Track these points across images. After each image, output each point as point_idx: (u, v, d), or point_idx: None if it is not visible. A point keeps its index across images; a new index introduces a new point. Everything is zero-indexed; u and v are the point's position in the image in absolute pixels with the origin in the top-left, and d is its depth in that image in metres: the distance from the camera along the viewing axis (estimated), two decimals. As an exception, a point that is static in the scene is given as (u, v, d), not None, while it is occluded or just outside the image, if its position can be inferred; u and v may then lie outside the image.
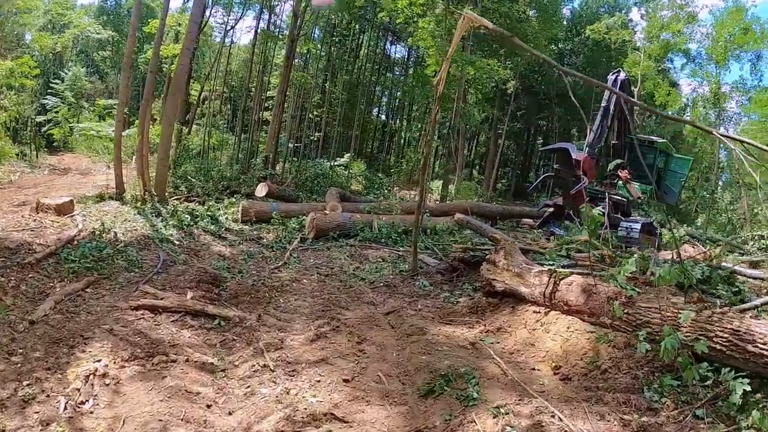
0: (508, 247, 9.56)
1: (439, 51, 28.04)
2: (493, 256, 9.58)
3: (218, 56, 40.00)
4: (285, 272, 11.39)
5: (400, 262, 13.15)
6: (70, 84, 44.90)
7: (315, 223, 15.11)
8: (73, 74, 45.87)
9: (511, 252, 9.43)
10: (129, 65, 19.96)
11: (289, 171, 29.64)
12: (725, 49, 34.83)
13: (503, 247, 9.54)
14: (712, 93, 35.96)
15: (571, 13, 53.08)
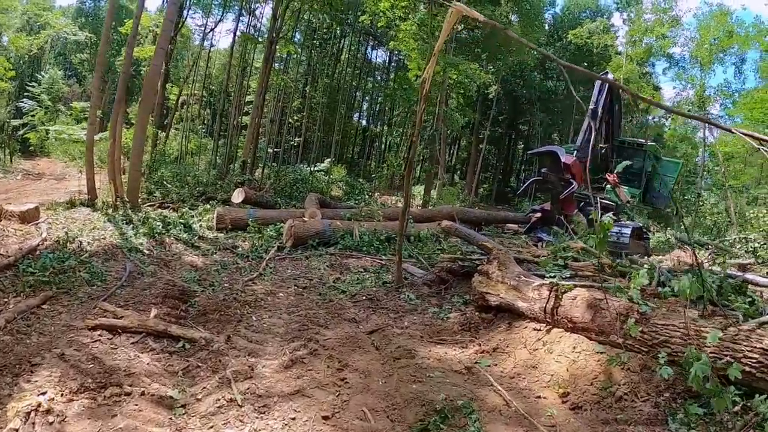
0: (502, 257, 8.72)
1: (422, 54, 27.43)
2: (486, 267, 8.74)
3: (197, 59, 39.05)
4: (260, 284, 10.47)
5: (383, 273, 12.31)
6: (47, 87, 43.94)
7: (293, 230, 14.18)
8: (50, 77, 44.93)
9: (506, 262, 8.60)
10: (102, 66, 19.12)
11: (268, 176, 28.84)
12: (710, 53, 34.48)
13: (496, 258, 8.70)
14: (697, 96, 35.63)
15: (553, 19, 53.05)
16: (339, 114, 42.24)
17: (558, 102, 51.87)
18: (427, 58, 18.21)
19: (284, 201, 22.12)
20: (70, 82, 52.93)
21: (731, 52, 36.90)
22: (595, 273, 9.57)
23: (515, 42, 34.87)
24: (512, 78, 46.27)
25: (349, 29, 45.24)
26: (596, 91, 19.84)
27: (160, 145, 32.28)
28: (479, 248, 10.78)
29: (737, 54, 37.73)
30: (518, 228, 24.37)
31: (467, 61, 30.95)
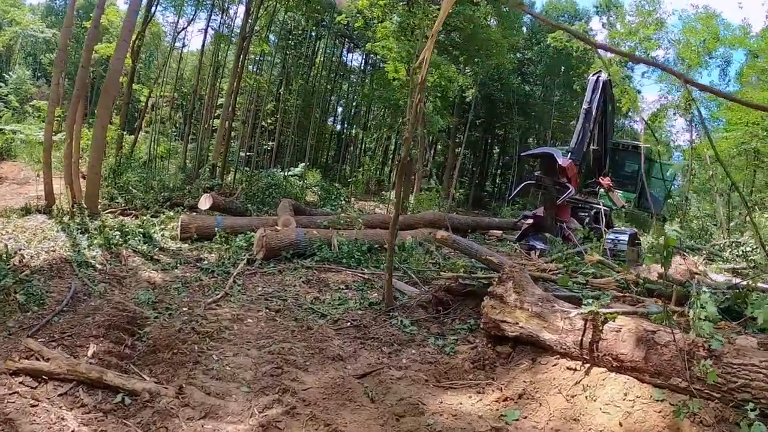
0: (518, 276, 7.13)
1: (400, 54, 26.19)
2: (499, 289, 7.13)
3: (168, 59, 37.21)
4: (225, 307, 8.76)
5: (367, 290, 10.69)
6: (15, 87, 41.86)
7: (264, 240, 12.42)
8: (18, 77, 42.78)
9: (523, 283, 7.01)
10: (62, 60, 17.61)
11: (240, 181, 27.28)
12: (698, 54, 34.13)
13: (511, 277, 7.08)
14: (683, 99, 34.72)
15: (531, 22, 51.58)
16: (313, 117, 40.73)
17: (536, 106, 51.43)
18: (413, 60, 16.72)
19: (256, 207, 20.50)
20: (39, 83, 50.78)
21: (716, 54, 36.47)
22: (616, 288, 8.29)
23: (493, 46, 33.98)
24: (490, 81, 45.10)
25: (325, 31, 43.80)
26: (590, 90, 18.50)
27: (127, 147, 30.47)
28: (484, 264, 9.22)
29: (723, 57, 37.71)
30: (501, 234, 23.16)
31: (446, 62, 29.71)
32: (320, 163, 47.87)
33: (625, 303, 7.59)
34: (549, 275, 8.80)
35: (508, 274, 7.16)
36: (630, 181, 21.67)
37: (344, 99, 54.24)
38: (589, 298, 6.60)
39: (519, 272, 7.21)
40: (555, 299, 6.70)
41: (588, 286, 8.36)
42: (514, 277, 7.09)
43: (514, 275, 7.12)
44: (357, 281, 11.24)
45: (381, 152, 55.12)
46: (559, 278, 8.29)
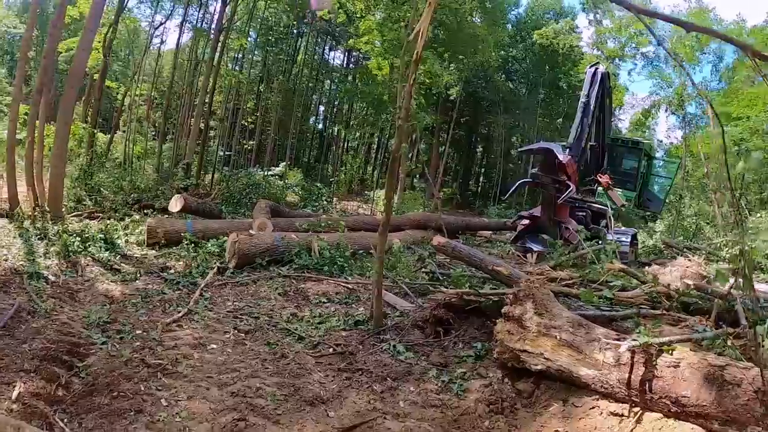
0: (539, 293, 5.79)
1: (386, 45, 25.00)
2: (516, 310, 5.81)
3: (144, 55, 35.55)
4: (187, 328, 7.36)
5: (352, 303, 9.37)
6: (-11, 86, 40.04)
7: (237, 246, 10.99)
8: (-8, 75, 41.03)
9: (546, 302, 5.70)
10: (26, 54, 16.53)
11: (219, 181, 25.81)
12: (692, 49, 34.12)
13: (530, 295, 5.75)
14: (677, 95, 34.12)
15: (516, 19, 51.29)
16: (295, 116, 39.33)
17: (521, 104, 50.51)
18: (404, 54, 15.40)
19: (233, 209, 19.11)
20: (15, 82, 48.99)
21: (708, 50, 36.09)
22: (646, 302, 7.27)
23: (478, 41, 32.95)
24: (474, 79, 44.01)
25: (307, 28, 42.36)
26: (587, 83, 17.32)
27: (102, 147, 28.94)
28: (490, 275, 7.89)
29: (715, 52, 36.89)
30: (491, 235, 22.17)
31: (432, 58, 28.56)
32: (302, 163, 46.55)
33: (664, 323, 6.36)
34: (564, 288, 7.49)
35: (526, 291, 5.83)
36: (629, 178, 20.46)
37: (326, 97, 52.85)
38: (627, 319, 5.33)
39: (540, 288, 5.88)
40: (589, 323, 5.39)
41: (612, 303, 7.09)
42: (534, 294, 5.77)
43: (534, 292, 5.79)
44: (340, 292, 9.90)
45: (364, 151, 53.84)
46: (581, 293, 6.97)
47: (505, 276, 7.88)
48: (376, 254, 7.72)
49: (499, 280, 8.27)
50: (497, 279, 8.36)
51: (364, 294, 9.78)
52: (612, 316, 6.63)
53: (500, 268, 8.05)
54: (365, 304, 9.00)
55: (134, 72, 33.69)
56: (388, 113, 31.57)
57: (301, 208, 22.24)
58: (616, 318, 6.63)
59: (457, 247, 9.39)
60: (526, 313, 5.62)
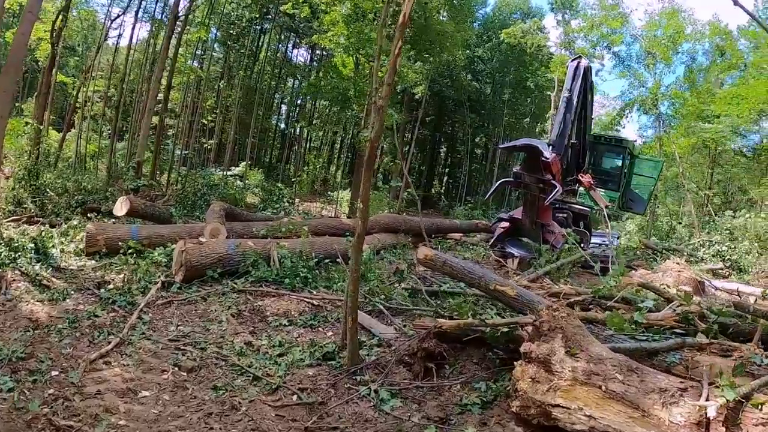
0: (570, 326, 4.43)
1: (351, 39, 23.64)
2: (540, 349, 4.53)
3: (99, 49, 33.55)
4: (116, 365, 5.96)
5: (318, 325, 8.03)
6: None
7: (185, 257, 9.48)
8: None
9: (578, 338, 4.37)
10: None
11: (175, 182, 24.16)
12: (667, 49, 33.80)
13: (558, 327, 4.37)
14: (651, 94, 33.62)
15: (483, 18, 50.60)
16: (256, 114, 37.64)
17: (486, 103, 49.85)
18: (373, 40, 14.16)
19: (187, 212, 17.53)
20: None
21: (682, 50, 35.65)
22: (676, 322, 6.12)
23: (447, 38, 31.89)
24: (440, 78, 43.02)
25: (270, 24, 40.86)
26: (570, 76, 16.23)
27: (54, 145, 27.03)
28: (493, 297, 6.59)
29: (688, 53, 36.41)
30: (461, 237, 21.09)
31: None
32: (263, 163, 45.13)
33: (710, 354, 5.09)
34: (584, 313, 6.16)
35: (552, 323, 4.44)
36: (611, 178, 19.37)
37: (289, 96, 51.22)
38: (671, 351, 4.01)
39: (568, 318, 4.49)
40: (641, 367, 4.06)
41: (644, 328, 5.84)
42: (563, 328, 4.38)
43: (562, 325, 4.40)
44: (304, 311, 8.53)
45: (327, 150, 52.36)
46: (608, 318, 5.65)
47: (511, 297, 6.57)
48: (349, 269, 6.24)
49: (503, 303, 6.96)
50: (499, 301, 7.03)
51: (332, 313, 8.42)
52: (654, 348, 5.26)
53: (505, 288, 6.74)
54: (335, 328, 7.63)
55: (88, 66, 31.69)
56: (352, 110, 30.44)
57: (261, 211, 20.79)
58: (660, 351, 5.27)
59: (448, 261, 7.97)
60: (555, 353, 4.31)
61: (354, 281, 5.94)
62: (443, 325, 5.98)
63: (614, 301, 7.39)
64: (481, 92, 48.90)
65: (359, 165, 32.18)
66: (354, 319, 5.80)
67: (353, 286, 5.93)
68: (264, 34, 43.97)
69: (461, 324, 5.95)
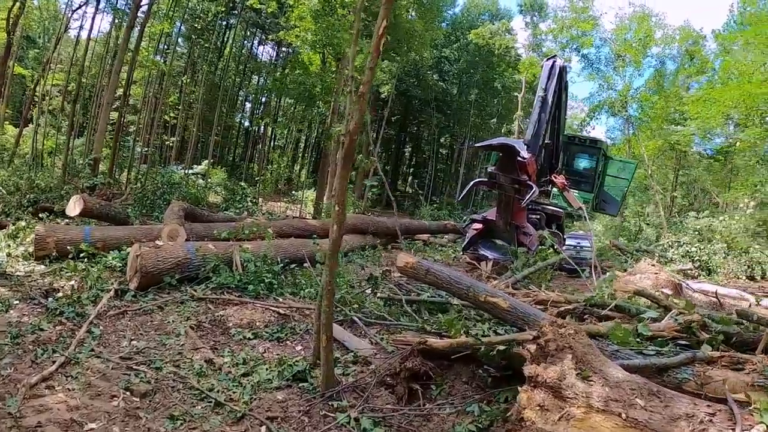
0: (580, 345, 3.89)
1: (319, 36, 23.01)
2: (547, 372, 4.00)
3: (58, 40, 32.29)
4: (60, 390, 5.23)
5: (286, 338, 7.34)
6: None
7: (140, 262, 8.72)
8: None
9: (591, 359, 3.89)
10: None
11: (135, 180, 23.24)
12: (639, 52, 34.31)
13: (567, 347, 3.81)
14: (621, 96, 33.89)
15: (452, 19, 50.38)
16: (219, 111, 36.67)
17: (452, 103, 49.64)
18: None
19: (146, 212, 16.70)
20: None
21: (651, 54, 36.16)
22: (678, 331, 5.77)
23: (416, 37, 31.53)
24: (407, 77, 42.62)
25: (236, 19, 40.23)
26: (545, 76, 15.84)
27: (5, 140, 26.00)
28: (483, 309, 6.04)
29: (658, 56, 36.91)
30: (429, 238, 20.79)
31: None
32: (226, 161, 44.54)
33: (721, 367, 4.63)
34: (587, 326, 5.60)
35: (559, 341, 3.87)
36: (585, 179, 19.03)
37: (253, 93, 50.24)
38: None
39: (576, 336, 3.91)
40: (662, 389, 3.57)
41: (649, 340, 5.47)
42: (572, 347, 3.81)
43: (571, 344, 3.83)
44: (270, 322, 7.84)
45: (291, 149, 51.53)
46: (612, 330, 5.13)
47: (504, 310, 6.00)
48: (322, 280, 5.54)
49: (494, 315, 6.40)
50: (489, 313, 6.45)
51: (300, 323, 7.78)
52: (664, 364, 4.76)
53: (496, 299, 6.15)
54: (304, 341, 6.99)
55: (48, 59, 30.44)
56: (318, 108, 30.07)
57: (224, 211, 19.98)
58: (671, 366, 4.77)
59: (432, 269, 7.35)
60: (565, 376, 3.73)
61: (329, 295, 5.26)
62: (433, 345, 5.36)
63: (608, 310, 6.91)
64: (448, 92, 48.73)
65: (324, 164, 31.60)
66: (329, 337, 5.14)
67: (328, 300, 5.25)
68: (229, 30, 43.26)
69: (453, 344, 5.33)
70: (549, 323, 4.34)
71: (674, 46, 35.35)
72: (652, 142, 34.15)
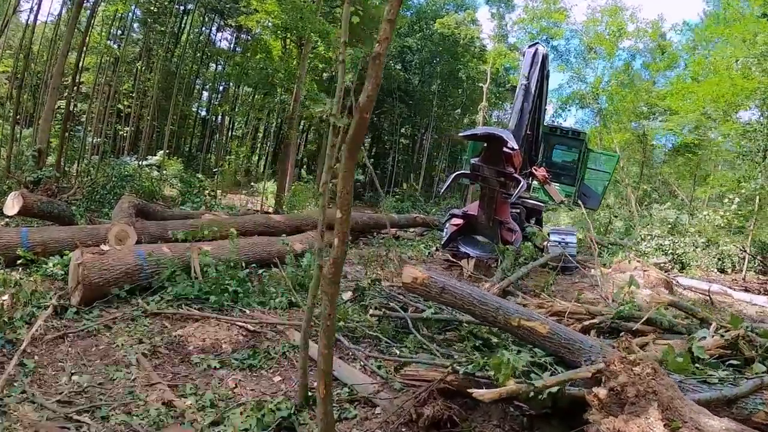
0: (661, 388, 2.86)
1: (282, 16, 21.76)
2: (626, 426, 2.82)
3: (7, 24, 30.36)
4: None
5: (261, 364, 6.12)
6: None
7: (83, 272, 7.36)
8: None
9: (679, 407, 2.97)
10: None
11: (86, 173, 21.67)
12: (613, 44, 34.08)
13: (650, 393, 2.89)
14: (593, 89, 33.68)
15: (416, 7, 49.36)
16: (175, 100, 34.97)
17: (414, 94, 48.76)
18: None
19: (95, 208, 15.20)
20: None
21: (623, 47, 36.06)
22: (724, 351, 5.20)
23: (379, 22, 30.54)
24: (369, 66, 41.59)
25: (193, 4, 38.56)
26: (527, 64, 14.93)
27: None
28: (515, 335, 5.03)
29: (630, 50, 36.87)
30: (396, 232, 19.69)
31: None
32: (183, 152, 42.76)
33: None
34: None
35: (638, 384, 2.89)
36: (566, 172, 18.17)
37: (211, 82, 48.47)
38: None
39: (657, 377, 2.91)
40: None
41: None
42: (656, 391, 2.77)
43: (654, 387, 2.80)
44: (238, 342, 6.70)
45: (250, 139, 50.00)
46: (664, 355, 4.22)
47: (542, 336, 4.97)
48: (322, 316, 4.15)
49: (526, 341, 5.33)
50: (524, 340, 5.38)
51: (275, 343, 6.59)
52: (735, 395, 4.02)
53: (533, 323, 5.11)
54: (282, 368, 5.83)
55: (-8, 40, 28.47)
56: (280, 96, 28.92)
57: (180, 205, 18.52)
58: (741, 396, 4.04)
59: (449, 287, 6.12)
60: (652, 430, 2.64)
61: (328, 332, 3.91)
62: (474, 395, 4.11)
63: (641, 323, 6.01)
64: (410, 82, 47.61)
65: (286, 154, 30.37)
66: (327, 386, 3.87)
67: (326, 339, 3.90)
68: (187, 15, 41.39)
69: (503, 393, 4.11)
70: (618, 359, 3.31)
71: (646, 40, 35.25)
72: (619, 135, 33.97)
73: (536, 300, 8.42)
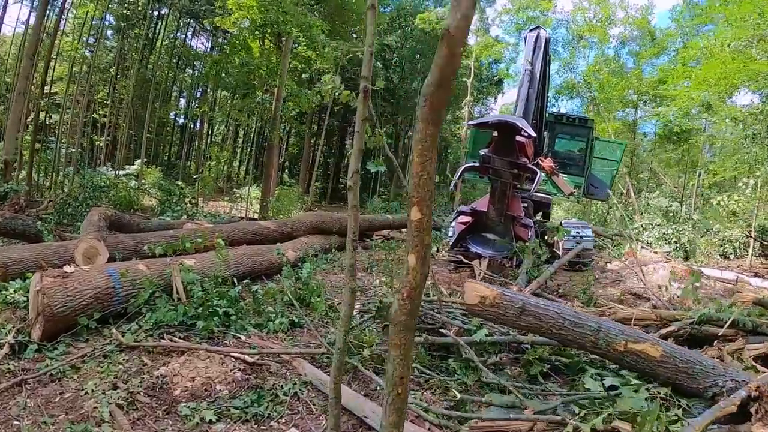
0: None
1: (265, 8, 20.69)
2: None
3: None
4: None
5: (269, 412, 4.81)
6: None
7: (43, 300, 6.00)
8: None
9: None
10: None
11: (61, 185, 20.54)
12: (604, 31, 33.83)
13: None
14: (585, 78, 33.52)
15: (396, 4, 48.56)
16: (152, 108, 33.59)
17: (395, 92, 47.84)
18: None
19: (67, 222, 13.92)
20: None
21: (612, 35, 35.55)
22: None
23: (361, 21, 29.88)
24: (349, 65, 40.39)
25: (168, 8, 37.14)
26: (530, 49, 13.88)
27: None
28: (626, 365, 4.01)
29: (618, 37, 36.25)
30: (389, 234, 19.00)
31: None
32: (161, 161, 41.45)
33: None
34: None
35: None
36: (573, 162, 17.12)
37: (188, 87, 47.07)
38: None
39: None
40: None
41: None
42: None
43: None
44: (236, 381, 5.40)
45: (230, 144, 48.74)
46: None
47: (655, 361, 4.00)
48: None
49: (636, 370, 4.22)
50: (630, 369, 4.23)
51: (281, 379, 5.35)
52: None
53: (643, 345, 4.20)
54: (295, 411, 4.58)
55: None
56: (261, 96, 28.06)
57: (160, 215, 17.19)
58: None
59: (529, 306, 4.78)
60: None
61: (398, 405, 2.62)
62: None
63: (727, 327, 5.01)
64: (390, 80, 46.60)
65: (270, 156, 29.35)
66: None
67: (396, 415, 2.63)
68: (161, 20, 40.00)
69: None
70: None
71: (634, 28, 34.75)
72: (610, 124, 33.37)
73: (594, 309, 7.27)
